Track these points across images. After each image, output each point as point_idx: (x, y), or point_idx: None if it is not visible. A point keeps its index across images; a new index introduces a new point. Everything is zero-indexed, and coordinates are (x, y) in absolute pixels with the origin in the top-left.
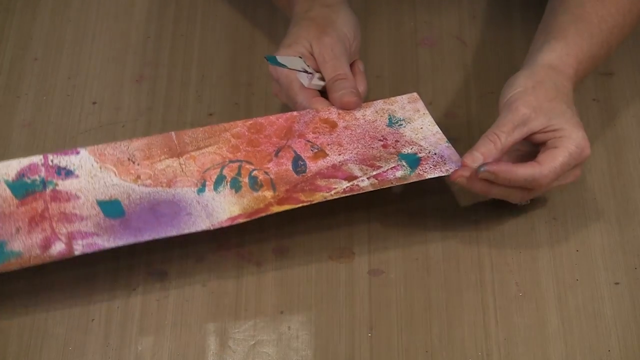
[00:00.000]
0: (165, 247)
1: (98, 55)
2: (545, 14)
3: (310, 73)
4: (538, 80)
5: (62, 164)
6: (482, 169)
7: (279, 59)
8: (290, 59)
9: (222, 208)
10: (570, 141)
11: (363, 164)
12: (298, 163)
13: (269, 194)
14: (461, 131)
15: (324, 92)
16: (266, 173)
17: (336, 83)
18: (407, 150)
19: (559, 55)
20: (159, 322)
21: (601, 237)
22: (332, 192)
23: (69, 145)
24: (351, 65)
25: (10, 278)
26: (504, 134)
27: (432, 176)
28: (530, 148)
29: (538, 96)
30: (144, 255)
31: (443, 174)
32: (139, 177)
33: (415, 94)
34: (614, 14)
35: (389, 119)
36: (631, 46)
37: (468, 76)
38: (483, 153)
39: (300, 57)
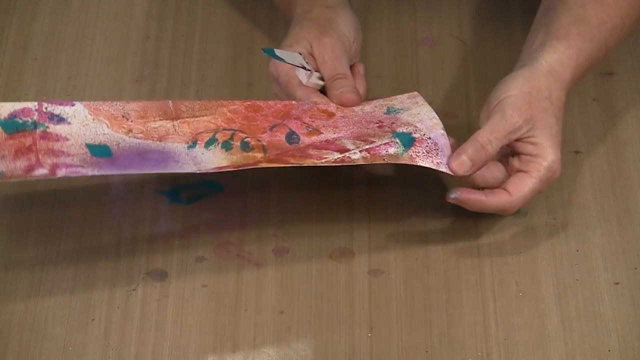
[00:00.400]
0: (165, 247)
1: (98, 55)
2: (542, 10)
3: (308, 70)
4: (535, 86)
5: (56, 112)
6: (453, 195)
7: (277, 52)
8: (288, 54)
9: (211, 161)
10: (542, 164)
11: (357, 140)
12: (292, 137)
13: (259, 154)
14: (461, 131)
15: (323, 92)
16: (259, 140)
17: (335, 82)
18: (402, 129)
19: (560, 58)
20: (159, 322)
21: (601, 237)
22: (323, 161)
23: None
24: (351, 68)
25: (10, 278)
26: (496, 141)
27: (423, 164)
28: (504, 150)
29: (531, 105)
30: (144, 255)
31: (434, 167)
32: (130, 130)
33: (415, 92)
34: (613, 16)
35: (387, 109)
36: (631, 46)
37: (468, 76)
38: (472, 159)
39: (300, 54)
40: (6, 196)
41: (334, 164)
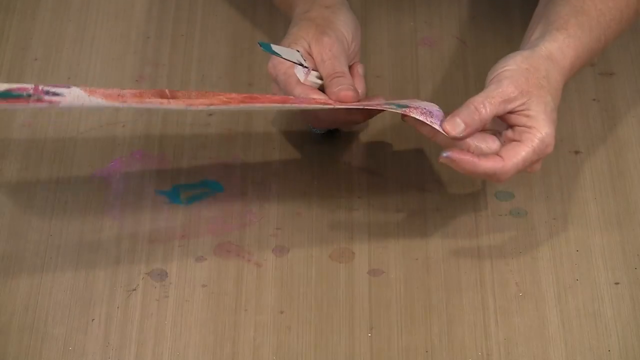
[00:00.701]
0: (165, 247)
1: (98, 55)
2: (541, 3)
3: (306, 67)
4: (534, 65)
5: (52, 90)
6: (445, 154)
7: (274, 47)
8: (286, 50)
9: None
10: (536, 135)
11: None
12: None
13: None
14: None
15: (322, 91)
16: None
17: (334, 80)
18: (398, 103)
19: (559, 46)
20: (159, 322)
21: (601, 237)
22: (310, 105)
23: (69, 146)
24: (350, 68)
25: (10, 278)
26: (490, 106)
27: (417, 117)
28: (500, 127)
29: (529, 80)
30: (144, 255)
31: (427, 122)
32: (125, 102)
33: (414, 98)
34: (611, 8)
35: (385, 103)
36: (631, 46)
37: (468, 76)
38: (465, 121)
39: (298, 51)
40: (6, 195)
41: (323, 105)
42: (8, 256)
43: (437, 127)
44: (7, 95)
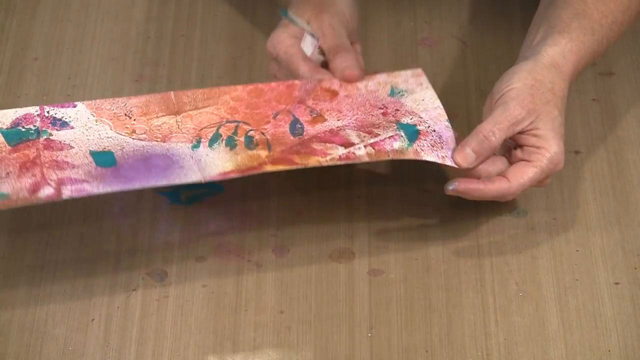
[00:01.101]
0: (165, 247)
1: (98, 55)
2: (542, 6)
3: (316, 38)
4: (538, 79)
5: (58, 115)
6: (451, 187)
7: (291, 15)
8: (300, 20)
9: (215, 163)
10: (545, 156)
11: (361, 131)
12: (296, 126)
13: (263, 153)
14: (461, 131)
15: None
16: (263, 133)
17: (337, 55)
18: (406, 120)
19: (561, 50)
20: (159, 322)
21: (601, 237)
22: (328, 158)
23: None
24: None
25: (10, 277)
26: (499, 132)
27: (429, 159)
28: (508, 144)
29: (534, 98)
30: (144, 255)
31: (439, 161)
32: (134, 131)
33: (419, 70)
34: (613, 10)
35: (391, 89)
36: (631, 46)
37: (468, 76)
38: (475, 150)
39: (308, 24)
40: None
41: (339, 162)
42: (8, 256)
43: (449, 162)
44: (17, 135)
